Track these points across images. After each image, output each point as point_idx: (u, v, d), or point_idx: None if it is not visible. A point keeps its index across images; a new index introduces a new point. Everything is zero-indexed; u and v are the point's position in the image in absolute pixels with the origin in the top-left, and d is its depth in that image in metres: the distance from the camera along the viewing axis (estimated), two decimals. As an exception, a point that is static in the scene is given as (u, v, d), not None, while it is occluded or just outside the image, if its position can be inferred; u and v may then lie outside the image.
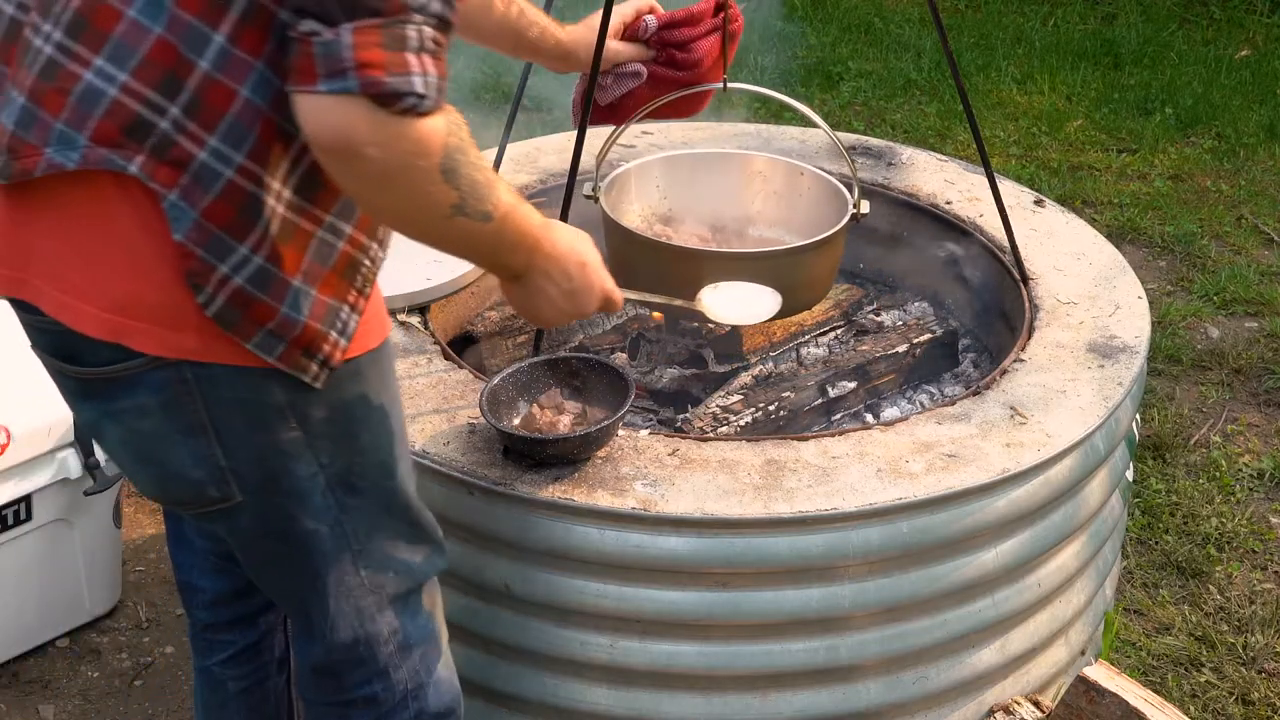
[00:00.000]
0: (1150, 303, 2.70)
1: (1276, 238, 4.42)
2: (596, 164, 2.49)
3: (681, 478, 2.12)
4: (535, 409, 2.19)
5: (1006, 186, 2.89)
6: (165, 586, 3.00)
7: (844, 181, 2.58)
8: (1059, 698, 2.26)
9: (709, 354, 2.58)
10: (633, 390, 2.17)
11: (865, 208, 2.46)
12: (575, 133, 2.32)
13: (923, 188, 2.95)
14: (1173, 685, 2.74)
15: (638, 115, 2.41)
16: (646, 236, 2.50)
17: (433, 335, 2.45)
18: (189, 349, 1.52)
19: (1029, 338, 2.49)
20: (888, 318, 2.80)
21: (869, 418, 2.60)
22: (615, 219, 2.45)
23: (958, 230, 2.84)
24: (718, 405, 2.46)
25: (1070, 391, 2.34)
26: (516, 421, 2.18)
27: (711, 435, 2.36)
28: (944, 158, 3.11)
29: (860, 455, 2.18)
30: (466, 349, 2.62)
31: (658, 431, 2.29)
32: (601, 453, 2.16)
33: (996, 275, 2.74)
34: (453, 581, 2.10)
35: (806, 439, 2.23)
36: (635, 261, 2.46)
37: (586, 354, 2.45)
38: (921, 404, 2.65)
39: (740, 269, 2.39)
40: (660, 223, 2.69)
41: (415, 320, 2.48)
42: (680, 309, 2.30)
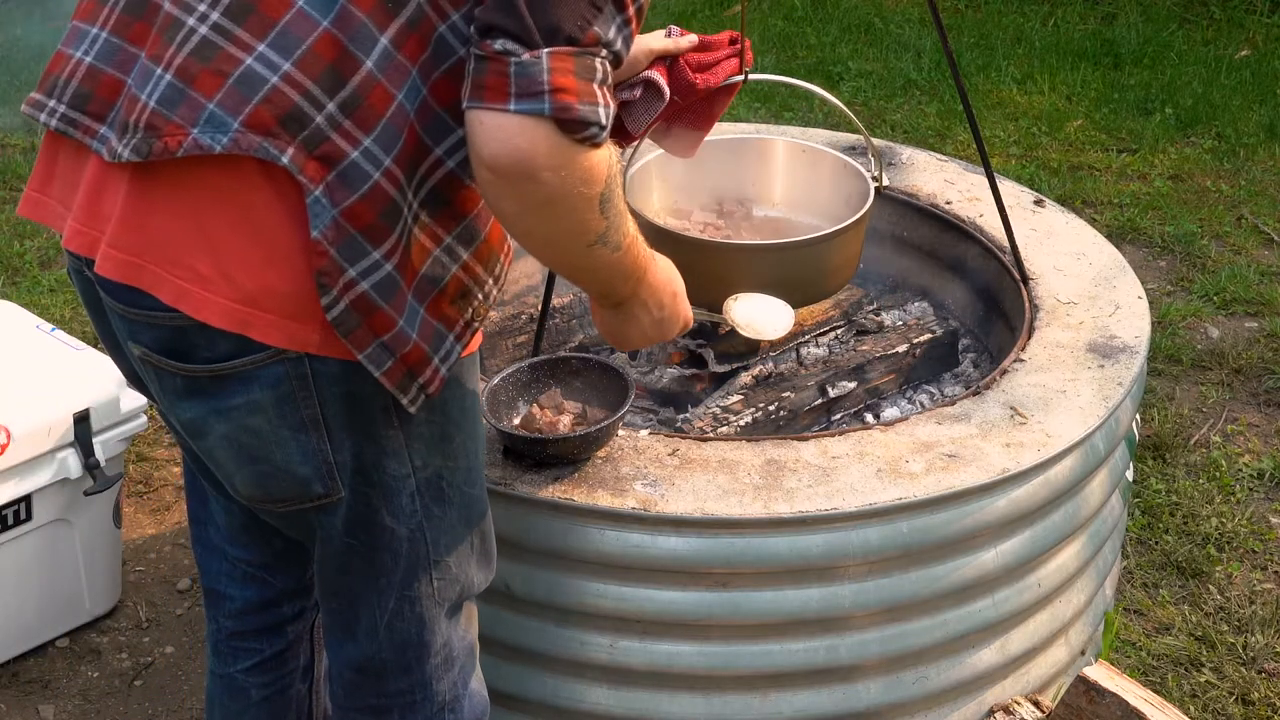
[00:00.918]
0: (1150, 303, 2.70)
1: (1276, 238, 4.42)
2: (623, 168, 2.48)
3: (681, 478, 2.12)
4: (535, 409, 2.19)
5: (1006, 186, 2.89)
6: (165, 586, 3.00)
7: (865, 166, 2.58)
8: (1059, 698, 2.26)
9: (709, 354, 2.58)
10: (633, 390, 2.17)
11: (886, 180, 2.48)
12: None
13: (923, 188, 2.95)
14: (1173, 685, 2.74)
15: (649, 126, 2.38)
16: (691, 235, 2.49)
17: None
18: (313, 343, 1.51)
19: (1029, 338, 2.49)
20: (888, 318, 2.80)
21: (869, 418, 2.60)
22: (644, 216, 2.45)
23: (958, 230, 2.84)
24: (718, 405, 2.46)
25: (1070, 391, 2.34)
26: (516, 422, 2.18)
27: (711, 435, 2.36)
28: (944, 158, 3.11)
29: (860, 455, 2.18)
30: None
31: (658, 431, 2.29)
32: (601, 453, 2.17)
33: (996, 275, 2.74)
34: (453, 581, 2.10)
35: (806, 439, 2.23)
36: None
37: (586, 354, 2.45)
38: (921, 404, 2.65)
39: (772, 259, 2.39)
40: (671, 217, 2.68)
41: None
42: (710, 318, 2.35)
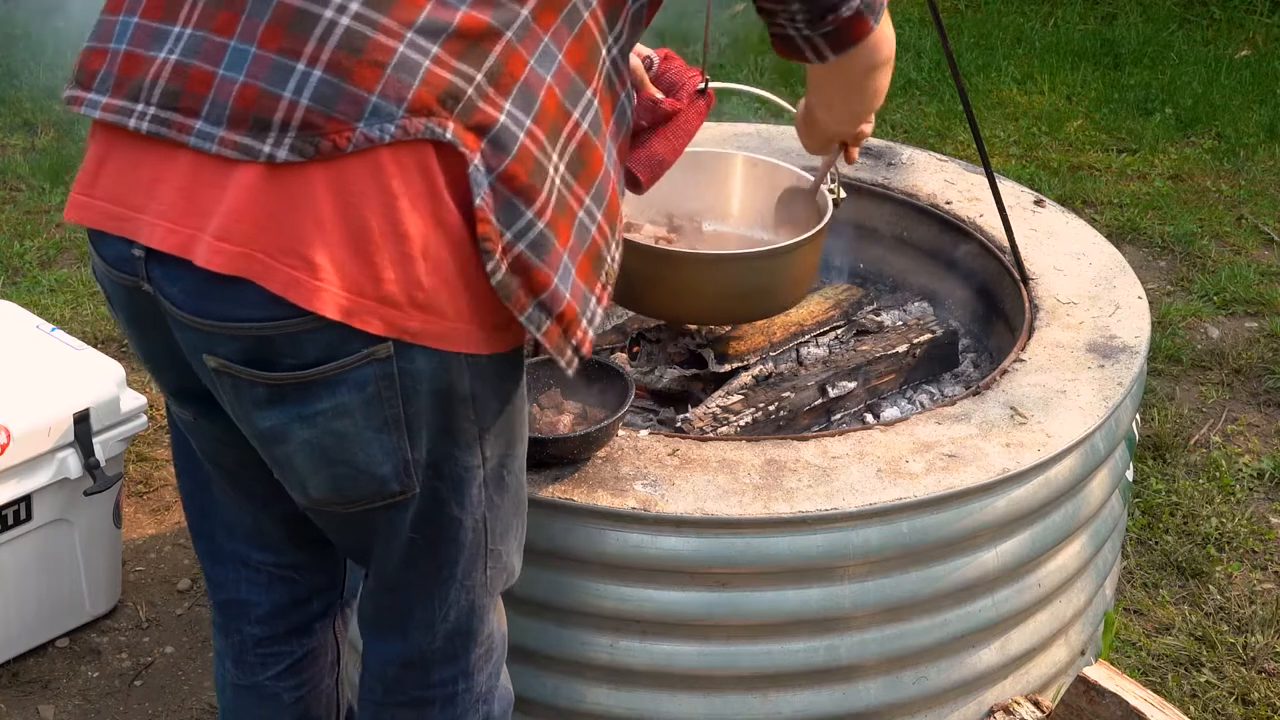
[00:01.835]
0: (1150, 303, 2.70)
1: (1276, 238, 4.42)
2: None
3: (681, 478, 2.12)
4: (535, 409, 2.19)
5: (1006, 186, 2.89)
6: (165, 586, 3.00)
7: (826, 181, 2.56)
8: (1059, 698, 2.26)
9: (709, 354, 2.58)
10: (632, 390, 2.17)
11: (843, 193, 2.48)
12: None
13: (923, 188, 2.95)
14: (1173, 685, 2.74)
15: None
16: (648, 244, 2.48)
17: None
18: (410, 331, 1.52)
19: (1029, 338, 2.49)
20: (888, 318, 2.80)
21: (869, 418, 2.60)
22: None
23: (958, 230, 2.84)
24: (718, 405, 2.46)
25: (1070, 391, 2.34)
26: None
27: (711, 435, 2.36)
28: (944, 158, 3.11)
29: (860, 455, 2.18)
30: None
31: (658, 431, 2.29)
32: (601, 453, 2.17)
33: (996, 275, 2.74)
34: (453, 581, 2.10)
35: (806, 439, 2.23)
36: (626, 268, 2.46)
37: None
38: (921, 404, 2.65)
39: (723, 271, 2.39)
40: (645, 219, 2.68)
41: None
42: None
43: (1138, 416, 2.54)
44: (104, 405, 2.71)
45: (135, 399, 2.79)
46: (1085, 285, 2.63)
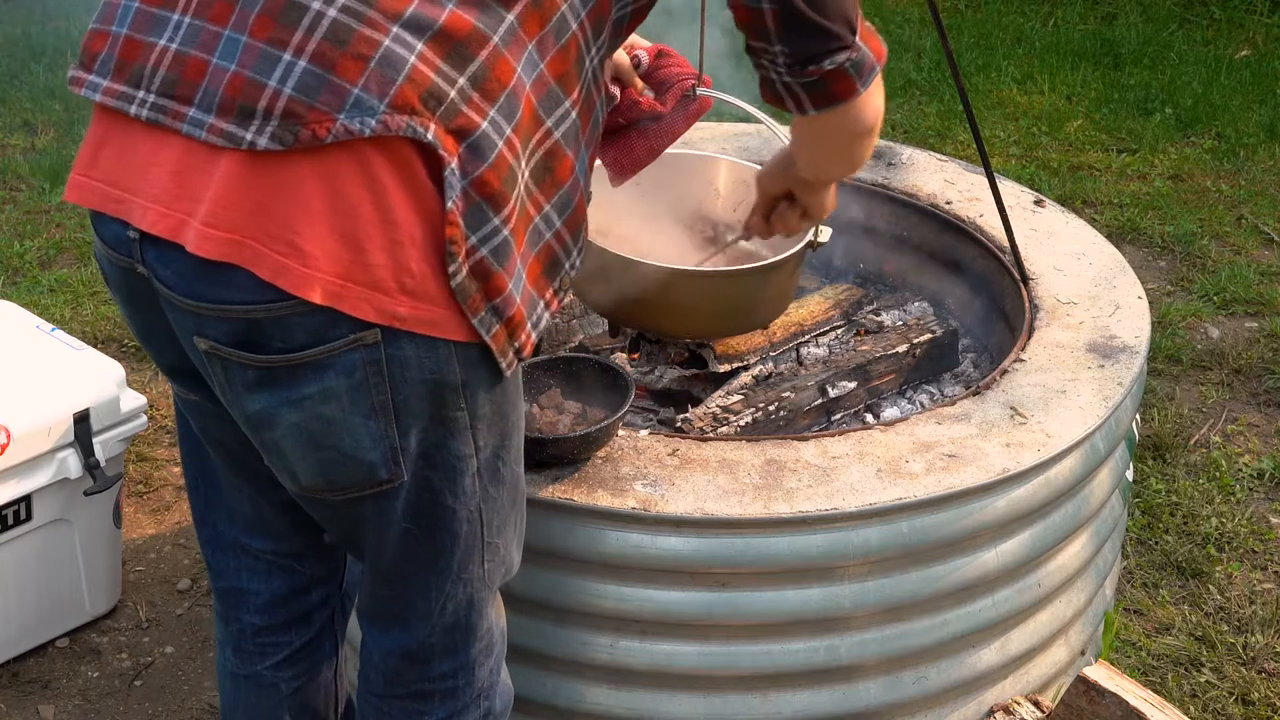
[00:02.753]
0: (1150, 303, 2.70)
1: (1276, 238, 4.42)
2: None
3: (681, 478, 2.12)
4: (535, 409, 2.19)
5: (1006, 186, 2.89)
6: (165, 586, 3.00)
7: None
8: (1059, 698, 2.26)
9: (709, 354, 2.58)
10: (632, 390, 2.17)
11: (825, 236, 2.45)
12: None
13: (923, 188, 2.95)
14: (1173, 685, 2.75)
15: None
16: (605, 249, 2.46)
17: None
18: (399, 317, 1.53)
19: (1029, 338, 2.49)
20: (888, 318, 2.80)
21: (869, 418, 2.60)
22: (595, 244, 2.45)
23: (958, 230, 2.84)
24: (718, 405, 2.46)
25: (1070, 391, 2.34)
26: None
27: (711, 435, 2.36)
28: (944, 158, 3.11)
29: (860, 455, 2.18)
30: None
31: (658, 431, 2.29)
32: (601, 453, 2.17)
33: (996, 275, 2.74)
34: (453, 581, 2.11)
35: (806, 439, 2.23)
36: (599, 273, 2.45)
37: (586, 354, 2.45)
38: (921, 404, 2.65)
39: (694, 287, 2.39)
40: (641, 222, 2.67)
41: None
42: None
43: (1138, 416, 2.54)
44: (104, 405, 2.71)
45: (135, 399, 2.79)
46: (1085, 285, 2.63)
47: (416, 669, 1.83)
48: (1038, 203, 2.92)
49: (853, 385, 2.58)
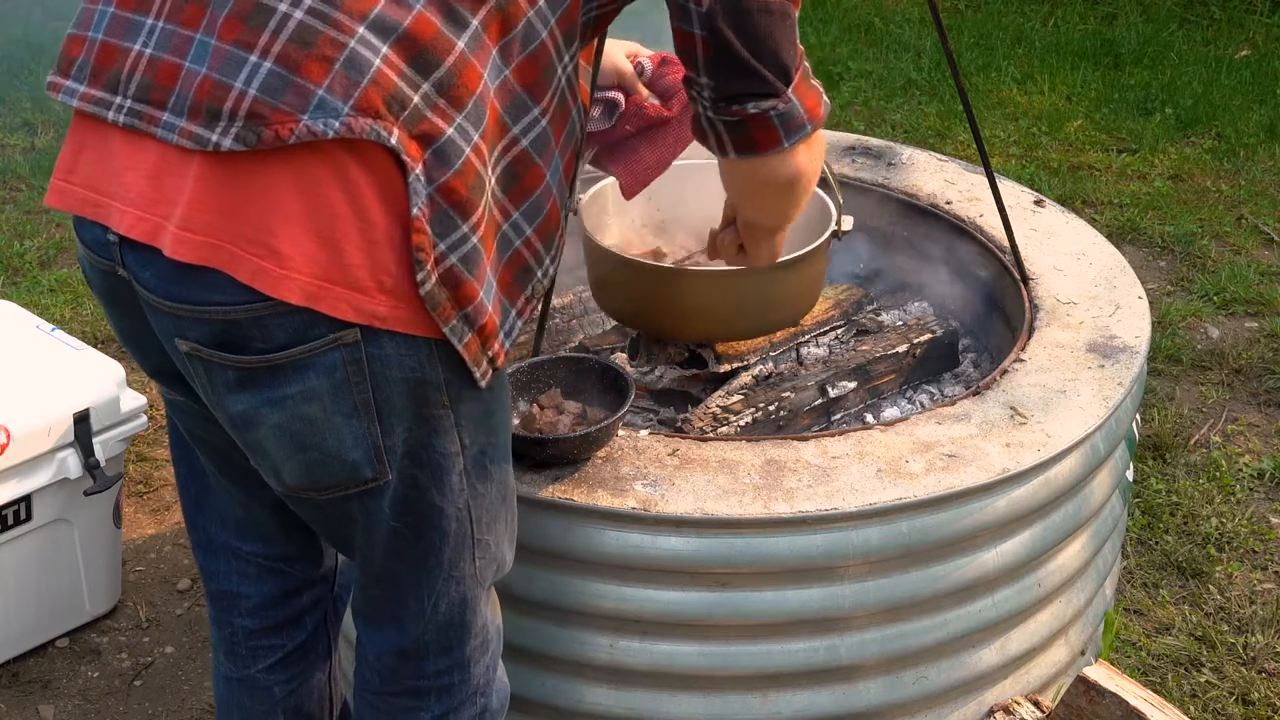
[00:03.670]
0: (1150, 303, 2.70)
1: (1276, 238, 4.42)
2: (571, 182, 2.45)
3: (681, 478, 2.12)
4: (535, 409, 2.19)
5: (1006, 186, 2.89)
6: (165, 586, 3.00)
7: (833, 198, 2.55)
8: (1059, 698, 2.26)
9: (709, 354, 2.58)
10: (632, 390, 2.17)
11: (848, 224, 2.45)
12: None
13: (923, 188, 2.95)
14: (1173, 685, 2.75)
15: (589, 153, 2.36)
16: (621, 254, 2.47)
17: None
18: (379, 316, 1.53)
19: (1029, 338, 2.49)
20: (888, 318, 2.80)
21: (869, 418, 2.60)
22: (593, 236, 2.45)
23: (958, 230, 2.84)
24: (718, 405, 2.46)
25: (1070, 391, 2.34)
26: (516, 422, 2.18)
27: (711, 435, 2.36)
28: (944, 158, 3.10)
29: (860, 455, 2.18)
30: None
31: (658, 431, 2.29)
32: (601, 453, 2.17)
33: (996, 275, 2.74)
34: (453, 581, 2.11)
35: (806, 439, 2.23)
36: (611, 278, 2.46)
37: (586, 354, 2.45)
38: (921, 404, 2.65)
39: (715, 286, 2.39)
40: (652, 234, 2.68)
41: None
42: None
43: (1138, 416, 2.54)
44: (104, 405, 2.72)
45: (135, 399, 2.79)
46: (1085, 285, 2.63)
47: (411, 666, 1.84)
48: (1038, 203, 2.92)
49: (853, 385, 2.58)
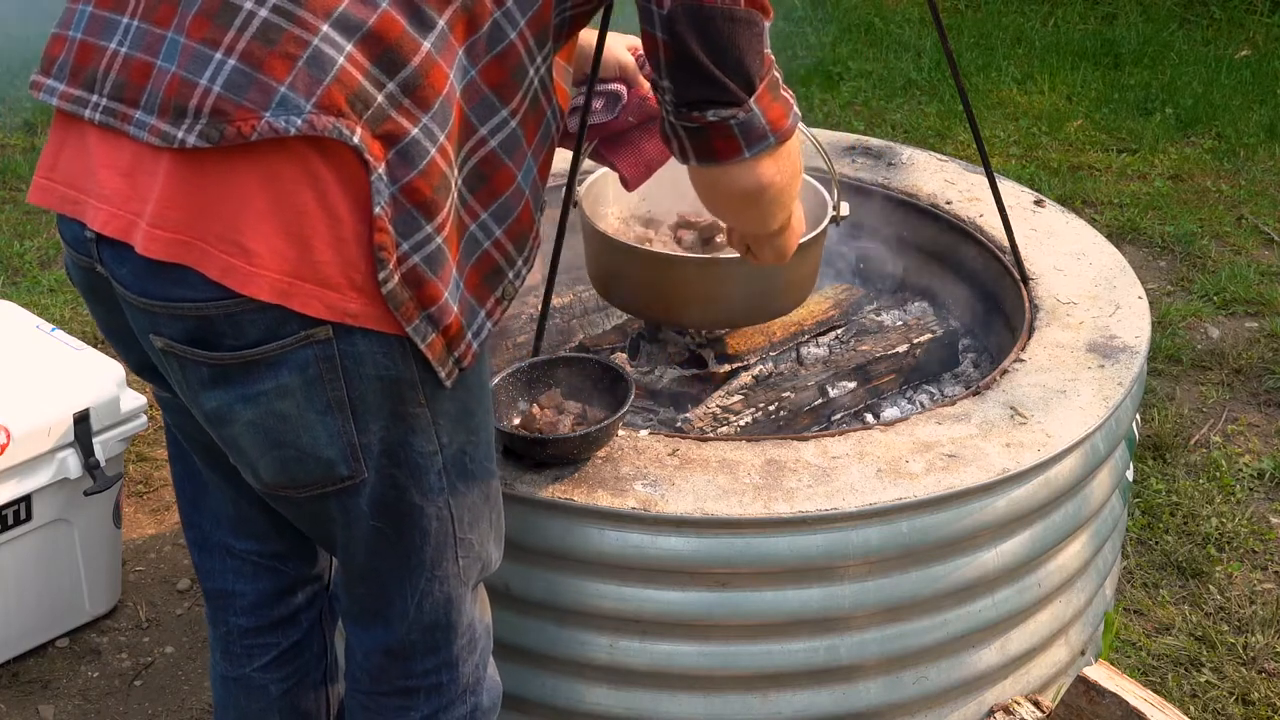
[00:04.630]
0: (1150, 303, 2.70)
1: (1276, 238, 4.42)
2: (571, 172, 2.47)
3: (681, 478, 2.12)
4: (535, 409, 2.19)
5: (1006, 186, 2.89)
6: (165, 586, 3.00)
7: (826, 182, 2.56)
8: (1059, 698, 2.26)
9: (709, 354, 2.58)
10: (632, 390, 2.17)
11: (846, 209, 2.46)
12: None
13: (923, 188, 2.95)
14: (1173, 685, 2.74)
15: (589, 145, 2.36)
16: (626, 242, 2.49)
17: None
18: (350, 313, 1.53)
19: (1029, 338, 2.49)
20: (888, 318, 2.80)
21: (869, 418, 2.60)
22: (594, 224, 2.46)
23: (958, 230, 2.84)
24: (718, 405, 2.46)
25: (1070, 391, 2.34)
26: (516, 422, 2.18)
27: (711, 435, 2.36)
28: (944, 158, 3.10)
29: (860, 455, 2.18)
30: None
31: (658, 431, 2.29)
32: (601, 453, 2.17)
33: (996, 275, 2.74)
34: (453, 581, 2.11)
35: (806, 439, 2.23)
36: (614, 266, 2.47)
37: (586, 354, 2.45)
38: (921, 404, 2.65)
39: (716, 274, 2.39)
40: (640, 225, 2.69)
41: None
42: None
43: (1138, 416, 2.54)
44: (104, 405, 2.71)
45: (135, 399, 2.79)
46: (1085, 285, 2.63)
47: (399, 666, 1.84)
48: (1038, 203, 2.92)
49: (853, 385, 2.58)
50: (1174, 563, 3.06)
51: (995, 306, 2.75)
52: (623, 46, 2.29)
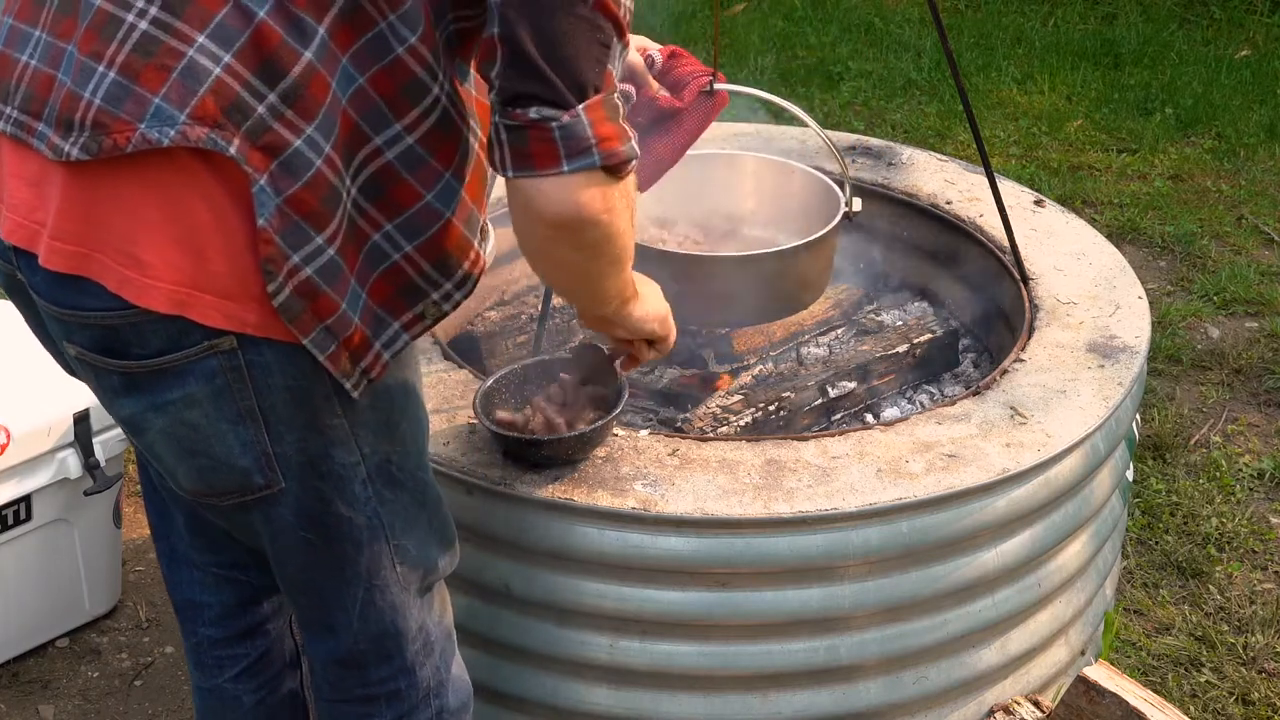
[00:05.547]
0: (1150, 303, 2.70)
1: (1276, 238, 4.42)
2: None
3: (681, 478, 2.12)
4: (528, 409, 2.19)
5: (1006, 186, 2.89)
6: (165, 586, 2.99)
7: (837, 180, 2.57)
8: (1059, 698, 2.26)
9: (709, 354, 2.58)
10: (626, 392, 2.16)
11: (858, 205, 2.46)
12: None
13: (923, 188, 2.95)
14: (1173, 685, 2.75)
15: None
16: (648, 245, 2.49)
17: (433, 334, 2.45)
18: (250, 324, 1.52)
19: (1029, 338, 2.49)
20: (888, 318, 2.80)
21: (869, 418, 2.60)
22: None
23: (958, 230, 2.84)
24: (718, 405, 2.46)
25: (1070, 391, 2.34)
26: (512, 423, 2.17)
27: (711, 435, 2.36)
28: (944, 158, 3.11)
29: (860, 455, 2.18)
30: (467, 349, 2.62)
31: (658, 431, 2.29)
32: (601, 453, 2.16)
33: (996, 275, 2.74)
34: (453, 582, 2.10)
35: (806, 439, 2.23)
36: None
37: (581, 345, 2.45)
38: (921, 404, 2.65)
39: (730, 272, 2.39)
40: (654, 225, 2.69)
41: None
42: None
43: (1138, 416, 2.54)
44: (104, 405, 2.71)
45: (135, 399, 2.79)
46: (1085, 285, 2.63)
47: (354, 675, 1.83)
48: (1038, 203, 2.92)
49: (853, 385, 2.58)
50: (1174, 563, 3.06)
51: (995, 306, 2.75)
52: (631, 48, 2.29)
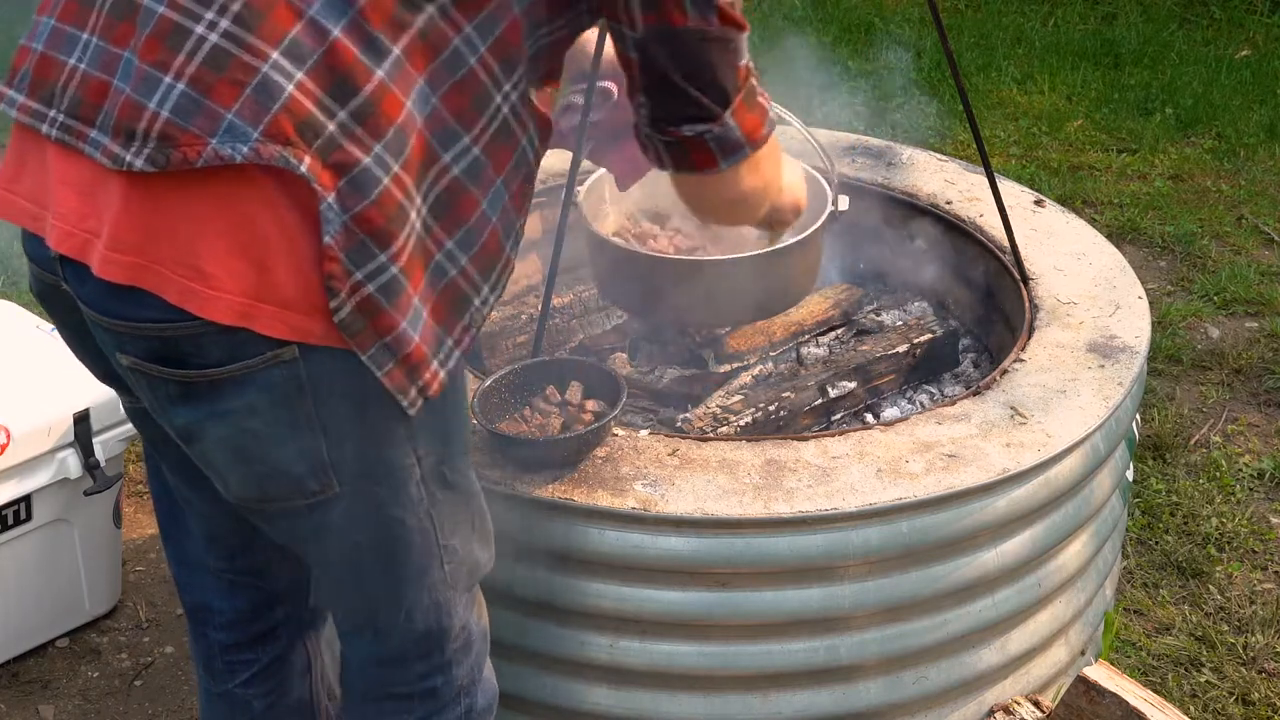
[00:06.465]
0: (1150, 303, 2.70)
1: (1276, 238, 4.42)
2: (571, 172, 2.46)
3: (681, 478, 2.12)
4: (527, 411, 2.19)
5: (1006, 186, 2.89)
6: (165, 586, 3.00)
7: (827, 178, 2.56)
8: (1059, 698, 2.26)
9: (709, 354, 2.58)
10: (624, 392, 2.16)
11: (844, 204, 2.46)
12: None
13: (923, 188, 2.95)
14: (1173, 685, 2.75)
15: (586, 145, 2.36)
16: (619, 244, 2.48)
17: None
18: (315, 334, 1.52)
19: (1029, 338, 2.49)
20: (888, 318, 2.80)
21: (869, 418, 2.60)
22: (591, 225, 2.46)
23: (958, 230, 2.84)
24: (718, 405, 2.46)
25: (1070, 391, 2.34)
26: (510, 424, 2.17)
27: (711, 435, 2.36)
28: (944, 158, 3.10)
29: (860, 455, 2.18)
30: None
31: (658, 431, 2.29)
32: (601, 453, 2.16)
33: (996, 275, 2.74)
34: (453, 581, 2.11)
35: (806, 439, 2.23)
36: (610, 267, 2.46)
37: (580, 356, 2.45)
38: (921, 404, 2.65)
39: (715, 274, 2.39)
40: (646, 219, 2.68)
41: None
42: None
43: (1138, 416, 2.54)
44: (104, 405, 2.71)
45: (135, 399, 2.79)
46: (1085, 285, 2.63)
47: (394, 673, 1.83)
48: (1038, 203, 2.92)
49: (853, 385, 2.58)
50: (1174, 563, 3.06)
51: (995, 306, 2.75)
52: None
